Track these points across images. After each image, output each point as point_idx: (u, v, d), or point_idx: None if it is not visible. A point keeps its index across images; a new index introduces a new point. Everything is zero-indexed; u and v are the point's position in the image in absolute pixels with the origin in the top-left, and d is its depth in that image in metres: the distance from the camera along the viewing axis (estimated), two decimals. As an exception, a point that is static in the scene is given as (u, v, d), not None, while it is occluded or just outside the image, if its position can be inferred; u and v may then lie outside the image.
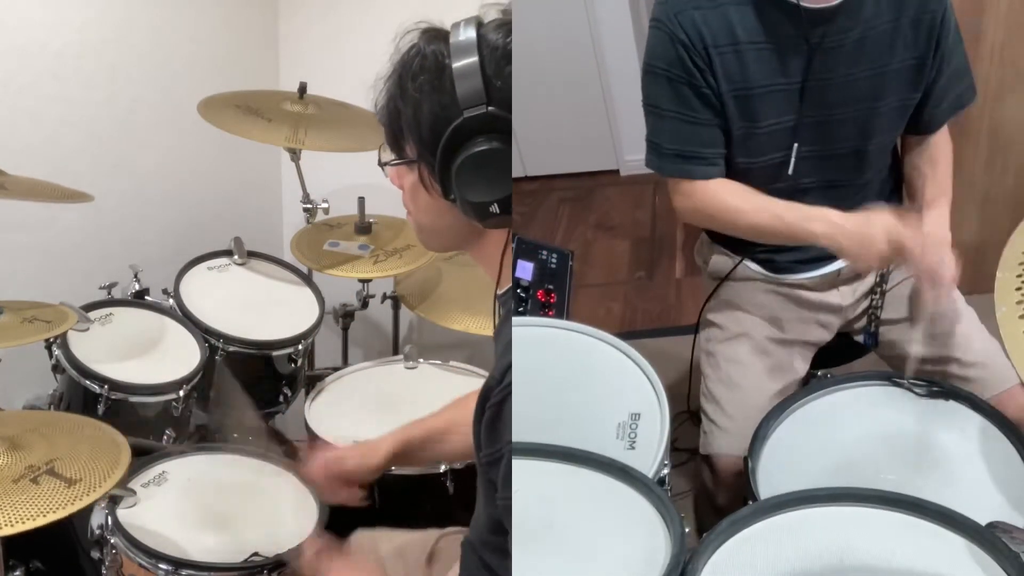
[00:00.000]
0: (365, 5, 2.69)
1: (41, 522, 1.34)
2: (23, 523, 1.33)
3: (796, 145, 1.57)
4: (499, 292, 1.20)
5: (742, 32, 1.49)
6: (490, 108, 1.03)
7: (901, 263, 1.51)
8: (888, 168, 1.71)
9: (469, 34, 1.05)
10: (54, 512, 1.36)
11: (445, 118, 1.05)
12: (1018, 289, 1.23)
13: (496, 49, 1.05)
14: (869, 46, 1.51)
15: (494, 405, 1.09)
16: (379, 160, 1.17)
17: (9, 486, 1.40)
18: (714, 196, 1.59)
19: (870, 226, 1.46)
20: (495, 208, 1.07)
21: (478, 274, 1.21)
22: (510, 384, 1.06)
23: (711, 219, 1.65)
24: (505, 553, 1.13)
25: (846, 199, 1.64)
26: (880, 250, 1.45)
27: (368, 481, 1.52)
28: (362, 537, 1.64)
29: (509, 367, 1.07)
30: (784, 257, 1.71)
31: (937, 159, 1.68)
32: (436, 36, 1.08)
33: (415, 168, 1.12)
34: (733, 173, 1.61)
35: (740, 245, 1.74)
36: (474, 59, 1.03)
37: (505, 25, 1.08)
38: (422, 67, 1.07)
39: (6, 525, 1.32)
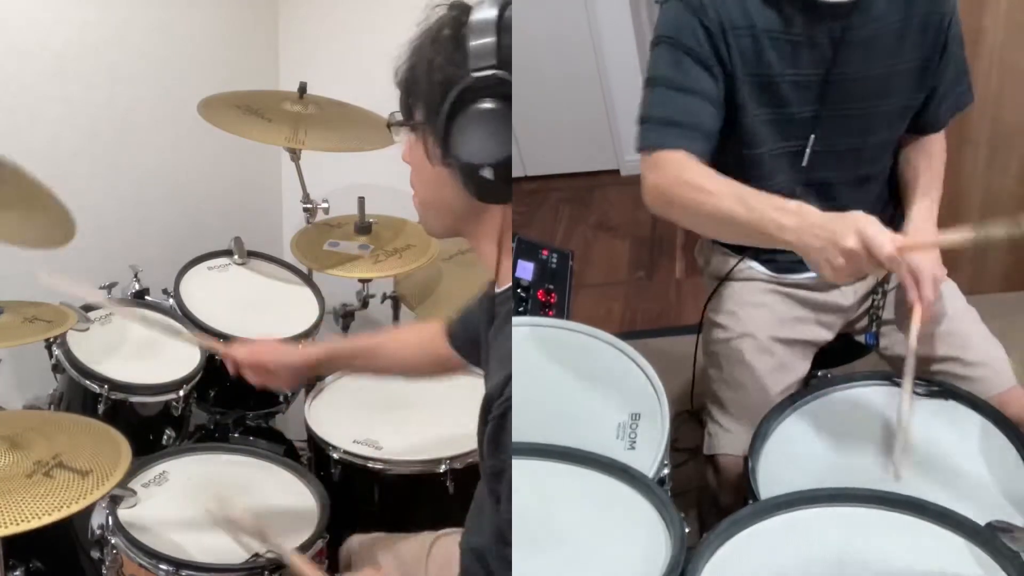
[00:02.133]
0: (365, 5, 2.69)
1: (66, 513, 1.34)
2: (49, 515, 1.33)
3: (812, 137, 1.57)
4: (498, 290, 1.20)
5: (759, 19, 1.49)
6: (499, 71, 1.04)
7: (868, 268, 1.37)
8: (890, 169, 1.71)
9: (491, 9, 1.07)
10: (75, 503, 1.36)
11: (454, 81, 1.06)
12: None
13: (511, 19, 1.06)
14: (879, 44, 1.52)
15: (496, 418, 1.09)
16: (387, 122, 1.18)
17: (23, 481, 1.40)
18: (681, 171, 1.42)
19: (839, 221, 1.26)
20: (488, 172, 1.07)
21: (478, 274, 1.21)
22: (511, 397, 1.07)
23: (673, 201, 1.43)
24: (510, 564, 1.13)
25: (846, 195, 1.65)
26: (848, 247, 1.23)
27: (289, 379, 1.61)
28: (357, 542, 1.64)
29: (510, 378, 1.07)
30: (786, 257, 1.70)
31: (932, 152, 1.69)
32: (461, 8, 1.10)
33: (421, 137, 1.13)
34: (747, 164, 1.59)
35: (741, 246, 1.74)
36: (491, 23, 1.05)
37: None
38: (440, 33, 1.09)
39: (33, 519, 1.32)
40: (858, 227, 1.23)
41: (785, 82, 1.53)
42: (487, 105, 1.05)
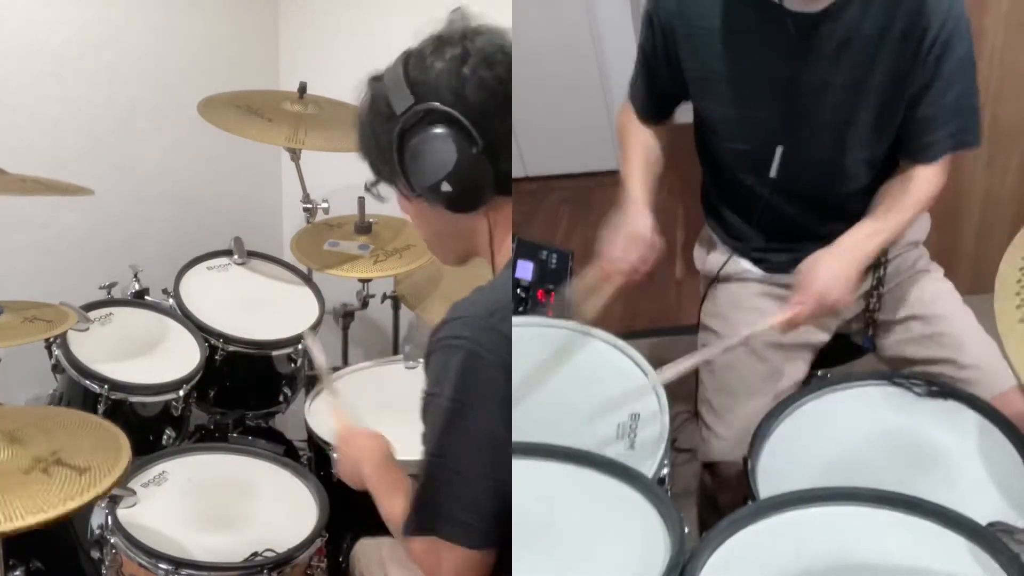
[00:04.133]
0: (365, 5, 2.69)
1: (63, 510, 1.34)
2: (45, 512, 1.33)
3: (780, 149, 1.56)
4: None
5: (720, 17, 1.50)
6: (418, 105, 1.16)
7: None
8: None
9: (397, 63, 1.21)
10: (72, 500, 1.36)
11: (392, 129, 1.19)
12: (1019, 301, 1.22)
13: (417, 60, 1.19)
14: (850, 53, 1.48)
15: (425, 356, 1.19)
16: (365, 186, 1.29)
17: (21, 478, 1.40)
18: (625, 121, 1.74)
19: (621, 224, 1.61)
20: (446, 186, 1.18)
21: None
22: (439, 339, 1.17)
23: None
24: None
25: (827, 211, 1.63)
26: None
27: None
28: (366, 544, 1.65)
29: (445, 323, 1.17)
30: (778, 257, 1.71)
31: (911, 182, 1.55)
32: (376, 78, 1.24)
33: (395, 186, 1.26)
34: (711, 157, 1.67)
35: (735, 234, 1.74)
36: (399, 74, 1.19)
37: (432, 40, 1.20)
38: (368, 101, 1.24)
39: (29, 515, 1.32)
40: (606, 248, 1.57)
41: (742, 83, 1.53)
42: (421, 133, 1.17)
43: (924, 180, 1.56)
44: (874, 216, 1.56)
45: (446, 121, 1.16)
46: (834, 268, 1.49)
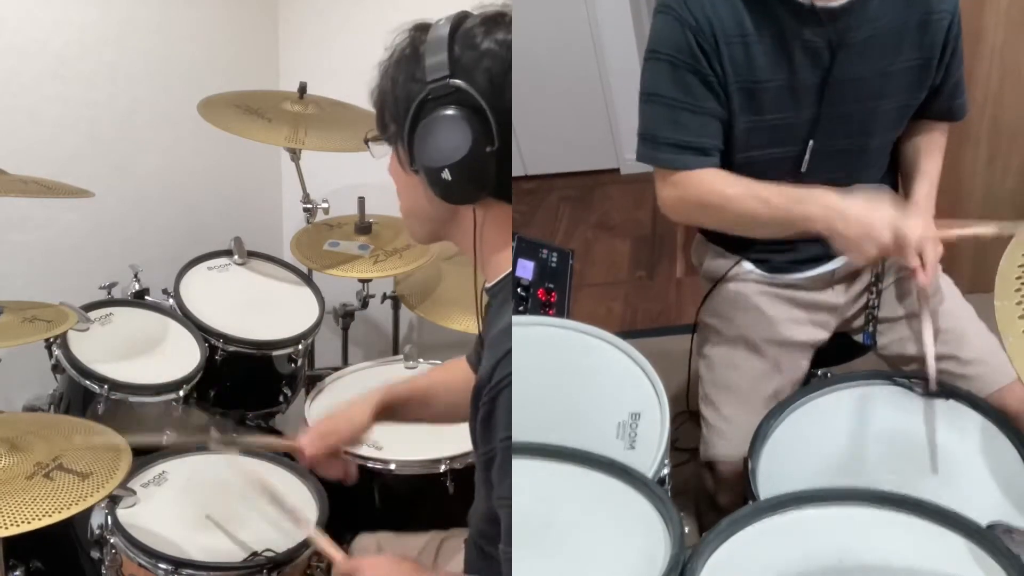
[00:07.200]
0: (365, 5, 2.69)
1: (65, 515, 1.35)
2: (49, 517, 1.34)
3: (811, 143, 1.56)
4: (487, 285, 1.22)
5: (751, 24, 1.48)
6: (452, 80, 1.09)
7: (896, 255, 1.45)
8: (887, 168, 1.71)
9: (445, 26, 1.13)
10: (75, 505, 1.37)
11: (415, 95, 1.12)
12: (1019, 303, 1.22)
13: (468, 31, 1.12)
14: (875, 45, 1.51)
15: (487, 403, 1.11)
16: (364, 138, 1.25)
17: (23, 483, 1.40)
18: (701, 184, 1.52)
19: (874, 214, 1.39)
20: (447, 174, 1.11)
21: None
22: (500, 380, 1.08)
23: (699, 208, 1.56)
24: (498, 541, 1.15)
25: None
26: (883, 242, 1.39)
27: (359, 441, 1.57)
28: (365, 540, 1.65)
29: (498, 363, 1.09)
30: (780, 257, 1.70)
31: (933, 135, 1.68)
32: (421, 28, 1.16)
33: (395, 150, 1.20)
34: (738, 168, 1.59)
35: (736, 245, 1.73)
36: (443, 38, 1.11)
37: (487, 17, 1.13)
38: (402, 51, 1.16)
39: (34, 519, 1.33)
40: (893, 223, 1.39)
41: (779, 88, 1.52)
42: (443, 112, 1.10)
43: (944, 131, 1.69)
44: (925, 172, 1.64)
45: (471, 108, 1.10)
46: (923, 226, 1.47)
